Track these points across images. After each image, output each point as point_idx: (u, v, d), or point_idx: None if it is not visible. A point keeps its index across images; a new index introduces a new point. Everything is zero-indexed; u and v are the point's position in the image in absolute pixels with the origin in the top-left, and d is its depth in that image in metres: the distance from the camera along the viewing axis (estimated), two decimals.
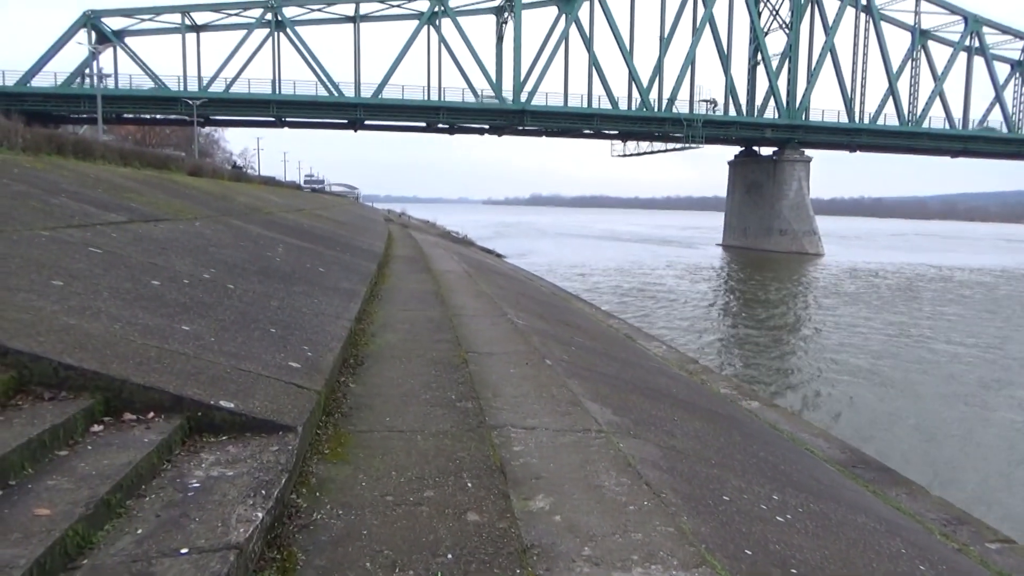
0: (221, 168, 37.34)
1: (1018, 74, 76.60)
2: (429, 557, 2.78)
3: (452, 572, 2.70)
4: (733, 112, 71.74)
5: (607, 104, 68.40)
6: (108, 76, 61.07)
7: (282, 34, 64.10)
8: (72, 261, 5.32)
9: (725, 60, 70.75)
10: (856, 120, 73.39)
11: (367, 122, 66.92)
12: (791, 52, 72.23)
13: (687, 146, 71.71)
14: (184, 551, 2.36)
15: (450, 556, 2.79)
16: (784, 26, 73.63)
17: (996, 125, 76.48)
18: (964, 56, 75.09)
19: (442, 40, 66.14)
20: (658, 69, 69.55)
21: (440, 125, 68.90)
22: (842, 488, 5.39)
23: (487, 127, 71.09)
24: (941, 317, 30.11)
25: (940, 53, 75.36)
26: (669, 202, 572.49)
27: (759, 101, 74.08)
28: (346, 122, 67.29)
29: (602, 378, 6.64)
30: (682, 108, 70.01)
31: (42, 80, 59.95)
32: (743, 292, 38.96)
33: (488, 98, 66.19)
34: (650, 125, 70.23)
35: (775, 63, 71.94)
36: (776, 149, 74.14)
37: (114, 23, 62.58)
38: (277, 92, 64.02)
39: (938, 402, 16.35)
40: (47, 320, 3.75)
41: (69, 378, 3.24)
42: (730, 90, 71.56)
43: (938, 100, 74.41)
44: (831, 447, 7.20)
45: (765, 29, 73.65)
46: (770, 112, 72.45)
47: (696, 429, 5.54)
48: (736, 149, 79.74)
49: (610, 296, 32.51)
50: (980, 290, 42.48)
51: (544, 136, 74.78)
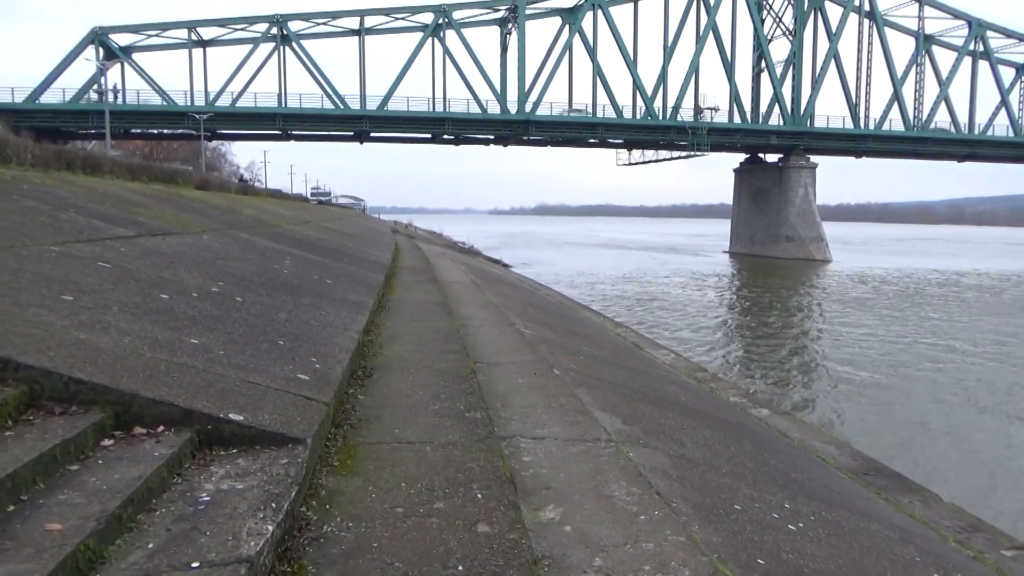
0: (228, 182, 37.54)
1: (1023, 78, 76.44)
2: (440, 569, 2.77)
3: None
4: (738, 119, 71.71)
5: (612, 113, 68.52)
6: (117, 92, 61.60)
7: (288, 48, 64.52)
8: (82, 276, 5.35)
9: (729, 68, 70.79)
10: (861, 126, 73.29)
11: (373, 134, 67.21)
12: (795, 59, 72.28)
13: (692, 154, 71.67)
14: (195, 565, 2.36)
15: (461, 568, 2.78)
16: (788, 33, 73.69)
17: (1002, 130, 76.25)
18: (969, 60, 74.96)
19: (446, 52, 66.43)
20: (662, 78, 69.64)
21: (445, 136, 69.10)
22: (854, 496, 5.35)
23: (492, 138, 71.26)
24: (950, 322, 29.96)
25: (944, 58, 75.44)
26: (675, 210, 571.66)
27: (764, 108, 74.07)
28: (352, 134, 67.60)
29: (610, 387, 6.62)
30: (686, 116, 70.11)
31: (51, 97, 60.51)
32: (751, 299, 38.85)
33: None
34: (655, 133, 70.37)
35: (779, 70, 72.01)
36: (782, 156, 74.03)
37: (121, 39, 63.14)
38: (283, 105, 64.37)
39: (950, 408, 16.23)
40: (57, 335, 3.77)
41: (79, 392, 3.25)
42: (734, 97, 71.51)
43: (943, 105, 74.32)
44: (842, 454, 7.16)
45: (769, 36, 73.70)
46: (775, 119, 72.48)
47: (706, 437, 5.51)
48: (741, 156, 79.69)
49: (617, 305, 32.47)
50: (987, 294, 42.27)
51: (549, 146, 74.97)
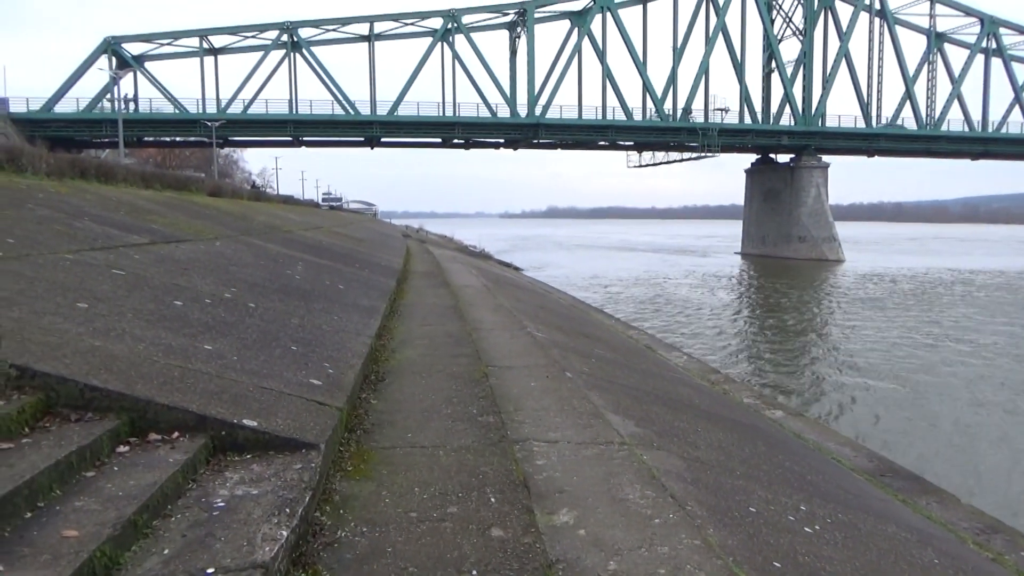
0: (240, 188, 37.81)
1: None
2: (454, 574, 2.76)
3: None
4: (748, 120, 71.43)
5: (622, 115, 68.46)
6: (130, 100, 62.13)
7: (298, 55, 64.90)
8: (96, 283, 5.39)
9: (739, 68, 70.53)
10: (873, 125, 72.84)
11: (383, 139, 67.50)
12: (805, 59, 71.90)
13: (703, 155, 71.44)
14: (210, 571, 2.36)
15: (475, 572, 2.78)
16: (798, 33, 73.35)
17: (1017, 127, 75.54)
18: (981, 58, 74.31)
19: (456, 56, 66.59)
20: (672, 79, 69.53)
21: (455, 140, 69.30)
22: (870, 498, 5.31)
23: (502, 141, 71.38)
24: (966, 320, 29.67)
25: (957, 55, 74.83)
26: (686, 211, 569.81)
27: (774, 108, 73.75)
28: (363, 140, 67.92)
29: (623, 390, 6.60)
30: (697, 117, 69.90)
31: (65, 106, 61.14)
32: (764, 300, 38.65)
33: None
34: (665, 135, 70.19)
35: (790, 70, 71.65)
36: (793, 156, 73.67)
37: (134, 48, 63.76)
38: (294, 112, 64.73)
39: (967, 408, 16.07)
40: (72, 342, 3.80)
41: (95, 399, 3.27)
42: (745, 98, 71.27)
43: (956, 103, 73.71)
44: (858, 456, 7.10)
45: (779, 36, 73.39)
46: (786, 119, 72.13)
47: (720, 440, 5.48)
48: (752, 157, 79.35)
49: (629, 307, 32.38)
50: (1002, 293, 41.87)
51: (559, 148, 74.99)
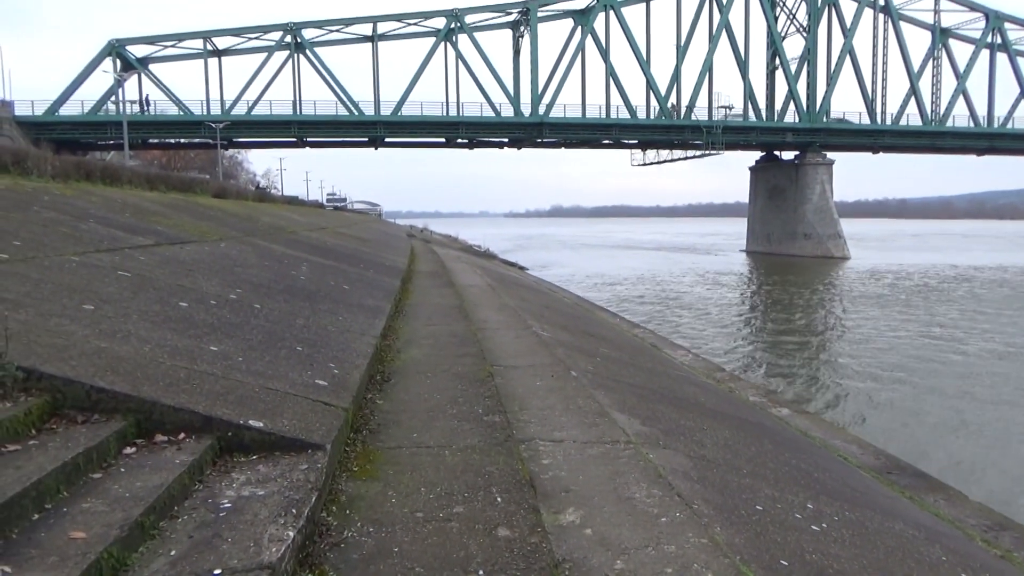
0: (245, 189, 37.88)
1: None
2: (461, 574, 2.76)
3: None
4: (752, 117, 71.26)
5: (626, 114, 68.34)
6: (134, 102, 62.34)
7: (302, 56, 64.97)
8: (102, 285, 5.40)
9: (743, 66, 70.33)
10: (878, 121, 72.60)
11: (387, 139, 67.51)
12: (809, 55, 71.66)
13: (707, 153, 71.30)
14: (217, 572, 2.37)
15: (481, 572, 2.78)
16: (801, 30, 73.11)
17: (1022, 122, 75.16)
18: (986, 53, 74.02)
19: (459, 56, 66.59)
20: (676, 77, 69.37)
21: (459, 140, 69.31)
22: (878, 495, 5.29)
23: (506, 141, 71.37)
24: (970, 316, 29.55)
25: (962, 51, 74.53)
26: (691, 209, 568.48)
27: (779, 105, 73.56)
28: (367, 140, 67.95)
29: (629, 388, 6.59)
30: (701, 115, 69.80)
31: (70, 108, 61.31)
32: (769, 298, 38.54)
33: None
34: (669, 133, 70.11)
35: (794, 67, 71.43)
36: (798, 153, 73.44)
37: (138, 51, 63.85)
38: (298, 112, 64.80)
39: (973, 404, 16.01)
40: (79, 344, 3.81)
41: (101, 401, 3.28)
42: (749, 95, 71.06)
43: (961, 98, 73.43)
44: (865, 453, 7.08)
45: (782, 33, 73.18)
46: (790, 116, 71.93)
47: (726, 438, 5.47)
48: (757, 154, 79.17)
49: (634, 305, 32.34)
50: (1006, 289, 41.71)
51: (563, 148, 74.94)
